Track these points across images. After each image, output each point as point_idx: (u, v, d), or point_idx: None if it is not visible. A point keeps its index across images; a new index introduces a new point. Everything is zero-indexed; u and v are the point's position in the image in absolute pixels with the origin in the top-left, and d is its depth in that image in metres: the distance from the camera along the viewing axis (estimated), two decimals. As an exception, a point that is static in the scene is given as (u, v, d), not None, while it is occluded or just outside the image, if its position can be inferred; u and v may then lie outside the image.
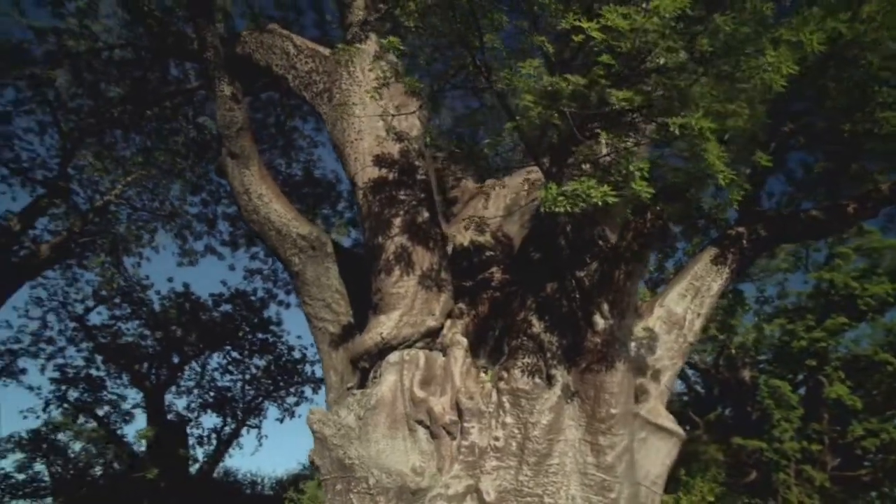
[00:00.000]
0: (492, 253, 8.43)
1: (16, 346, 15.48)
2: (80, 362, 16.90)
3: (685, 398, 20.96)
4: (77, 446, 14.59)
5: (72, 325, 16.23)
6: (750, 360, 18.63)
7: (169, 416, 17.76)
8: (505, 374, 6.20)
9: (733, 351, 18.10)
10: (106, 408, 17.50)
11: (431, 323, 6.56)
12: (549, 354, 6.22)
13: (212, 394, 19.08)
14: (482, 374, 6.55)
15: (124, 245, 15.88)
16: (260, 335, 17.85)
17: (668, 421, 7.47)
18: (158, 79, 11.86)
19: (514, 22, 5.55)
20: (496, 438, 5.78)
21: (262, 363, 18.86)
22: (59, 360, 16.46)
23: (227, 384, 19.37)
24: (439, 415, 5.89)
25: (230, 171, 8.98)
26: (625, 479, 5.68)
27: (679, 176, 5.18)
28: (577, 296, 6.28)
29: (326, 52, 8.27)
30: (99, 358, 16.89)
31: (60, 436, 14.52)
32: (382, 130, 7.42)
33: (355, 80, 7.83)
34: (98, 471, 14.72)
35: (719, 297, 8.51)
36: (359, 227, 12.55)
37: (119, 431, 17.18)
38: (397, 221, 7.02)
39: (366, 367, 6.54)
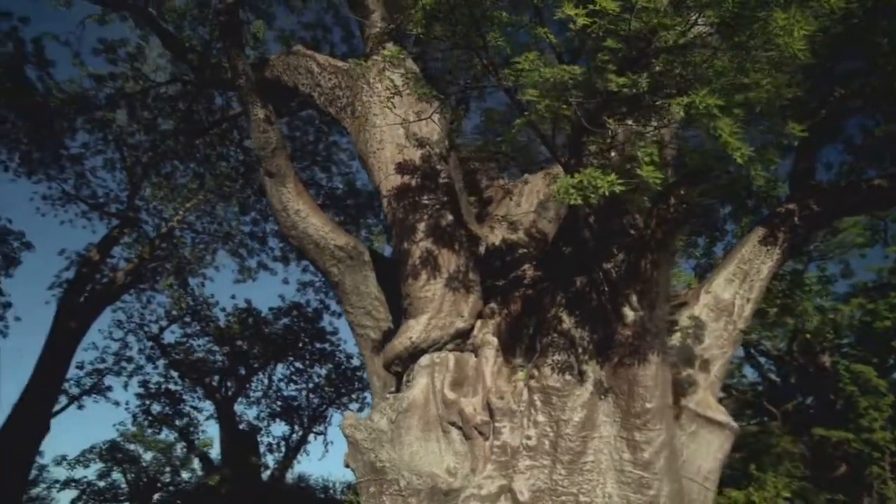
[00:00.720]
0: (524, 250, 8.37)
1: (101, 366, 16.94)
2: (159, 378, 18.21)
3: (759, 388, 19.76)
4: (148, 456, 15.72)
5: (149, 343, 17.54)
6: (829, 345, 17.31)
7: (241, 426, 18.73)
8: (536, 372, 6.14)
9: (808, 335, 16.88)
10: (185, 419, 18.74)
11: (460, 324, 6.59)
12: (580, 350, 6.10)
13: (279, 403, 19.96)
14: (516, 373, 6.51)
15: (189, 267, 16.94)
16: (318, 345, 18.52)
17: (720, 413, 7.13)
18: (204, 109, 12.63)
19: (515, 17, 5.50)
20: (528, 437, 5.73)
21: (323, 372, 19.54)
22: (141, 377, 17.81)
23: (293, 393, 20.21)
24: (470, 415, 5.91)
25: (269, 190, 9.40)
26: (665, 476, 5.47)
27: (695, 158, 4.94)
28: (606, 288, 6.12)
29: (347, 66, 8.51)
30: (175, 374, 18.12)
31: (133, 446, 15.71)
32: (403, 138, 7.54)
33: (374, 92, 8.00)
34: (166, 478, 15.82)
35: (773, 279, 8.04)
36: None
37: (196, 441, 18.34)
38: (422, 226, 7.11)
39: (398, 371, 6.66)
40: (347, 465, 5.75)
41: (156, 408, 18.44)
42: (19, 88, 12.50)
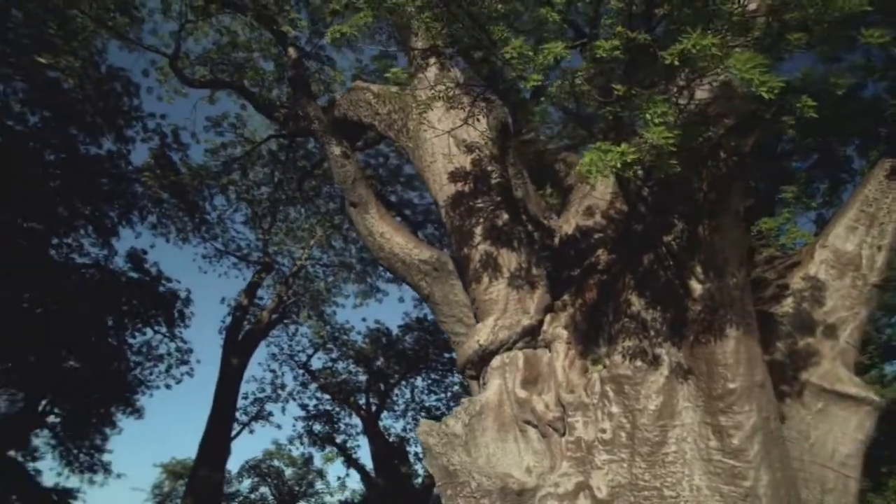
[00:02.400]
0: (601, 234, 7.99)
1: (262, 395, 19.41)
2: (314, 401, 20.30)
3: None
4: (289, 471, 17.52)
5: (300, 371, 19.69)
6: None
7: (391, 439, 20.05)
8: (608, 361, 5.84)
9: None
10: (342, 436, 20.61)
11: (526, 322, 6.51)
12: (652, 333, 5.68)
13: (423, 414, 20.97)
14: (593, 365, 6.24)
15: (321, 298, 18.73)
16: (447, 354, 19.18)
17: (853, 386, 6.13)
18: (302, 155, 14.02)
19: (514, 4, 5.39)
20: (603, 431, 5.46)
21: (457, 379, 20.14)
22: (300, 401, 20.04)
23: (435, 403, 21.12)
24: (542, 413, 5.81)
25: (355, 219, 10.13)
26: (762, 464, 4.84)
27: (724, 106, 4.40)
28: (671, 263, 5.63)
29: (398, 91, 8.93)
30: (326, 396, 20.06)
31: (277, 462, 17.65)
32: (453, 147, 7.71)
33: (424, 108, 8.29)
34: (304, 489, 17.47)
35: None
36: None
37: (354, 455, 20.08)
38: (478, 230, 7.18)
39: (473, 375, 6.76)
40: (427, 471, 5.98)
41: (317, 427, 20.59)
42: (167, 171, 15.04)
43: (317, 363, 20.35)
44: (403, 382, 20.58)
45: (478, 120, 7.19)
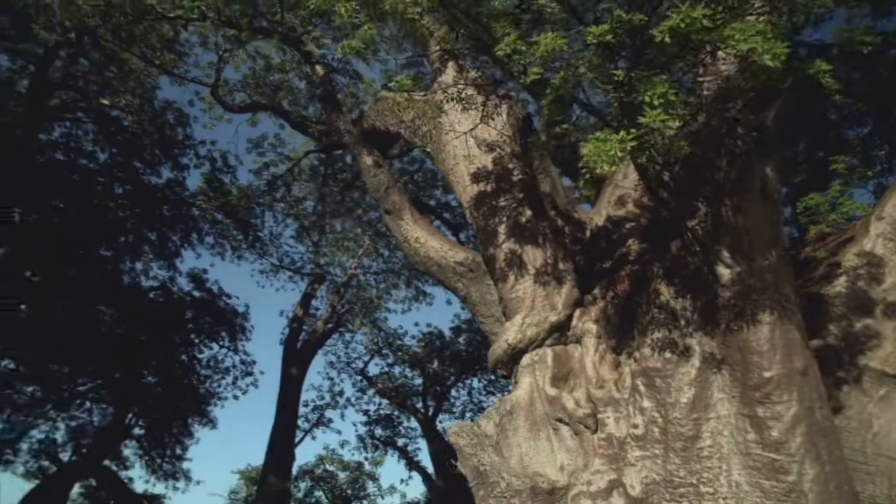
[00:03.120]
0: (632, 224, 7.74)
1: (321, 402, 20.06)
2: (373, 406, 20.77)
3: None
4: (343, 475, 17.89)
5: (358, 378, 20.19)
6: None
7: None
8: (638, 355, 5.66)
9: None
10: (403, 439, 20.93)
11: (553, 318, 6.41)
12: (682, 323, 5.45)
13: (480, 414, 20.93)
14: (622, 360, 6.06)
15: (373, 305, 19.15)
16: (500, 355, 19.05)
17: (918, 369, 5.62)
18: (340, 168, 14.43)
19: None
20: (635, 426, 5.29)
21: (512, 379, 19.98)
22: (361, 407, 20.57)
23: (492, 403, 21.01)
24: (572, 410, 5.69)
25: (390, 226, 10.32)
26: (806, 457, 4.52)
27: (737, 80, 4.18)
28: (697, 248, 5.39)
29: (421, 98, 9.03)
30: (384, 401, 20.45)
31: (330, 467, 18.09)
32: (473, 149, 7.71)
33: (444, 112, 8.34)
34: (356, 492, 17.78)
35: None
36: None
37: (415, 458, 20.34)
38: (502, 229, 7.14)
39: (504, 374, 6.72)
40: (460, 472, 6.00)
41: (378, 431, 21.03)
42: (219, 194, 15.90)
43: (374, 369, 20.86)
44: (459, 384, 20.66)
45: (492, 119, 7.15)
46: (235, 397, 19.14)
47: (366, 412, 21.22)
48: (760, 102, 4.66)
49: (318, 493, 16.26)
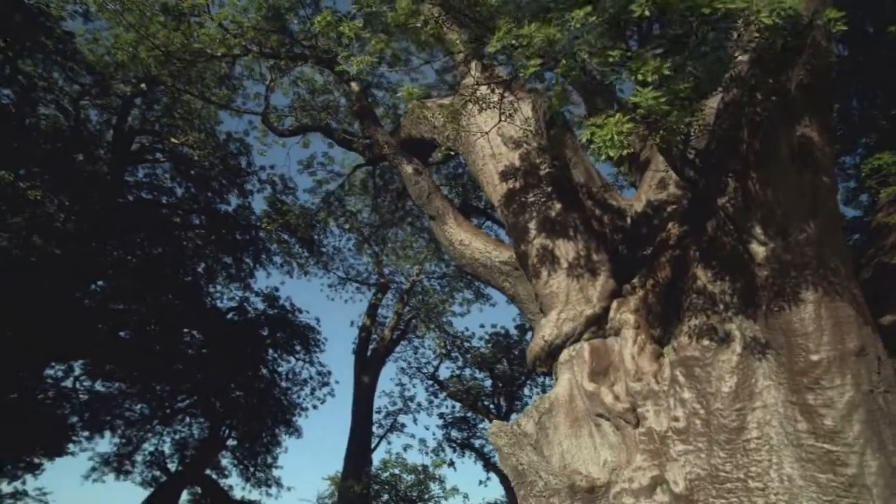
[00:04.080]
0: (674, 206, 7.37)
1: (393, 408, 20.53)
2: (448, 409, 20.98)
3: None
4: (409, 477, 18.00)
5: (429, 382, 20.47)
6: None
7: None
8: (675, 344, 5.38)
9: None
10: (479, 441, 20.94)
11: (589, 311, 6.22)
12: (721, 307, 5.12)
13: (555, 413, 20.51)
14: (665, 350, 5.77)
15: (437, 310, 19.39)
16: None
17: None
18: (390, 178, 14.78)
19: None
20: (675, 419, 5.02)
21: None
22: (431, 411, 20.85)
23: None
24: (611, 405, 5.50)
25: (435, 231, 10.45)
26: (867, 447, 4.09)
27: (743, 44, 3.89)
28: (731, 227, 5.04)
29: (450, 102, 9.11)
30: (456, 404, 20.60)
31: (397, 471, 18.26)
32: (500, 147, 7.67)
33: (469, 114, 8.37)
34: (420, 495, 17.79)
35: None
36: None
37: (492, 459, 20.27)
38: (532, 224, 7.04)
39: (545, 371, 6.60)
40: (502, 471, 5.95)
41: (454, 434, 21.20)
42: (281, 215, 16.78)
43: (445, 372, 21.05)
44: (530, 382, 20.39)
45: (510, 116, 7.07)
46: (315, 407, 20.04)
47: (441, 415, 21.49)
48: (776, 65, 4.30)
49: (385, 497, 16.64)
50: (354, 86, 11.10)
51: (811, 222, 4.54)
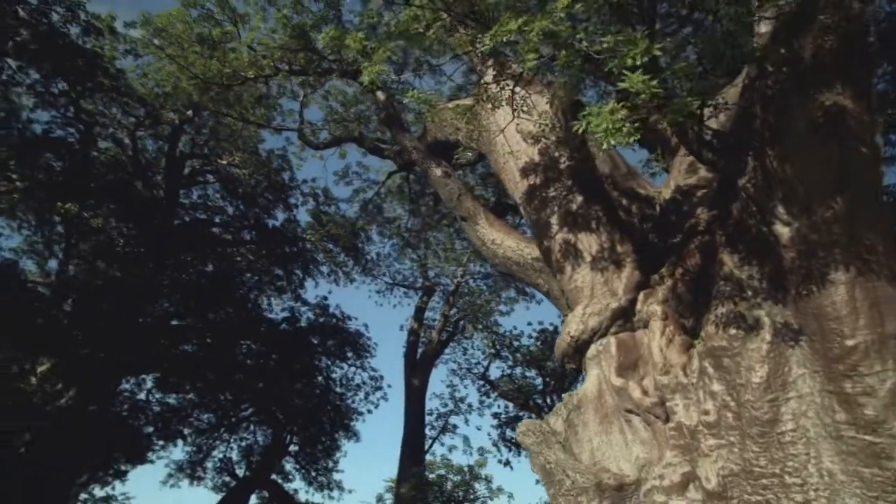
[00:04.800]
0: (704, 191, 7.05)
1: (444, 410, 20.62)
2: (501, 408, 20.87)
3: None
4: (456, 478, 17.84)
5: (480, 382, 20.44)
6: None
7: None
8: (703, 334, 5.15)
9: None
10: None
11: (615, 305, 6.05)
12: (749, 293, 4.85)
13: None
14: (696, 341, 5.53)
15: (483, 310, 19.36)
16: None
17: None
18: (425, 183, 14.93)
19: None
20: (706, 412, 4.80)
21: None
22: (481, 411, 20.81)
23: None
24: (639, 400, 5.32)
25: (468, 232, 10.47)
26: (913, 435, 3.76)
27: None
28: (754, 208, 4.78)
29: (472, 102, 9.11)
30: (508, 404, 20.48)
31: (443, 472, 18.16)
32: (519, 143, 7.60)
33: (487, 112, 8.34)
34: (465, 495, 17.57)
35: None
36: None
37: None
38: (554, 219, 6.92)
39: (574, 367, 6.46)
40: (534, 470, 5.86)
41: (509, 433, 21.06)
42: (324, 225, 17.30)
43: (496, 372, 20.98)
44: (581, 378, 19.97)
45: (525, 112, 6.96)
46: (369, 411, 20.45)
47: (496, 415, 21.41)
48: (786, 33, 4.04)
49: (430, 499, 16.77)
50: (380, 94, 11.30)
51: (838, 197, 4.23)
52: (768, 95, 4.21)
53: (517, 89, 7.06)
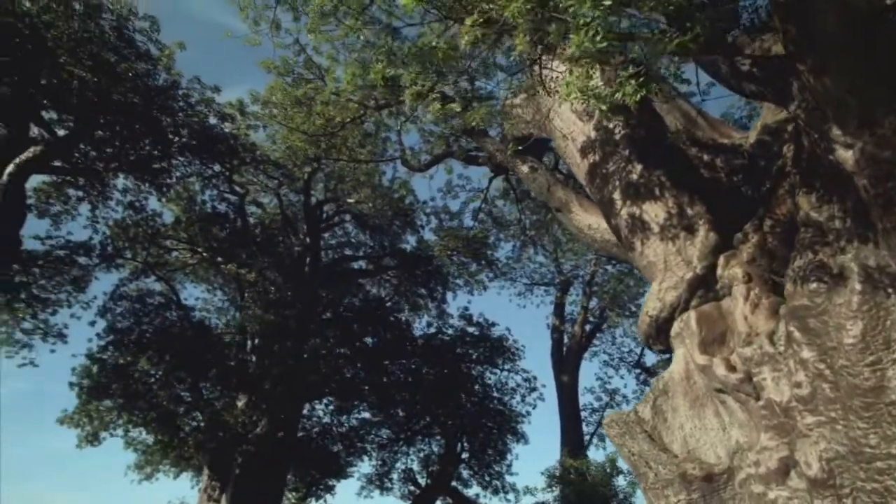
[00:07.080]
0: (793, 126, 5.98)
1: (598, 403, 19.71)
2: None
3: None
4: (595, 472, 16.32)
5: (636, 370, 19.20)
6: None
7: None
8: (785, 294, 4.39)
9: None
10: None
11: (689, 275, 5.41)
12: (831, 237, 4.04)
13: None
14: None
15: (623, 295, 18.29)
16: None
17: None
18: (517, 181, 14.77)
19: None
20: (798, 385, 4.06)
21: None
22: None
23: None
24: (723, 377, 4.69)
25: (564, 222, 10.21)
26: None
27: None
28: (815, 136, 4.00)
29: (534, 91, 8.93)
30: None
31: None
32: (572, 125, 7.26)
33: (545, 98, 8.09)
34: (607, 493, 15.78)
35: None
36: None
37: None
38: (616, 195, 6.44)
39: (661, 349, 5.89)
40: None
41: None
42: (451, 240, 18.04)
43: (651, 358, 19.52)
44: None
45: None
46: (528, 413, 20.45)
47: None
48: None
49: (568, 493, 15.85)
50: (455, 106, 11.56)
51: (904, 100, 3.35)
52: (780, 3, 3.51)
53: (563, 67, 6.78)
